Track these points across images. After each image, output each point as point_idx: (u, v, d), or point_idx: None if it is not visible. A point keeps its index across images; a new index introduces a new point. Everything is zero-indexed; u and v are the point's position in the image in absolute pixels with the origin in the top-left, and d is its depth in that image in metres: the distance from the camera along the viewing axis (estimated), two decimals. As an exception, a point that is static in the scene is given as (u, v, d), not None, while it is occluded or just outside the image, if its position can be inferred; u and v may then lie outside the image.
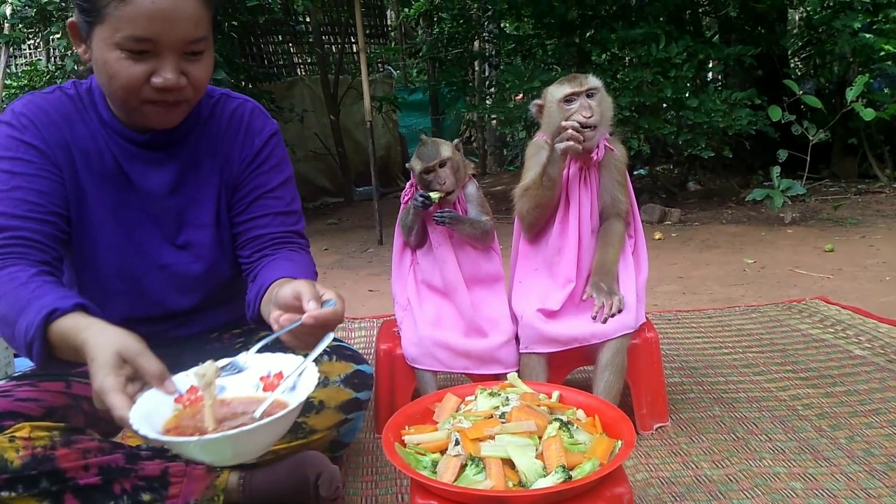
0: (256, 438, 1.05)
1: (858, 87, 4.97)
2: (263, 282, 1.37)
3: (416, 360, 1.86)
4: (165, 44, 1.25)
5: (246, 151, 1.50)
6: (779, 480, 1.60)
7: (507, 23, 8.15)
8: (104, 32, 1.25)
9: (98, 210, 1.42)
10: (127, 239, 1.44)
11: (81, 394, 1.44)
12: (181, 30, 1.25)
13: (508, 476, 1.14)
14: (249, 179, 1.50)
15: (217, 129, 1.49)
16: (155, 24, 1.23)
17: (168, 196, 1.45)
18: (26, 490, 1.23)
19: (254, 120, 1.52)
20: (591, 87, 1.81)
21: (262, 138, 1.52)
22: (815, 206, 5.48)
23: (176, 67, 1.27)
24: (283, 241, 1.50)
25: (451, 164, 1.85)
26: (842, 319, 2.75)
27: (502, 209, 5.64)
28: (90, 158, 1.40)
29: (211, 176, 1.49)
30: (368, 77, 5.28)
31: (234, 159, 1.50)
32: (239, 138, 1.50)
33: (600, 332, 1.77)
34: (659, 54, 5.27)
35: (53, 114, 1.39)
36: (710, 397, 2.09)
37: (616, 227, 1.90)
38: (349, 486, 1.65)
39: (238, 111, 1.52)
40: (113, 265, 1.45)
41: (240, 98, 1.55)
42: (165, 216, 1.46)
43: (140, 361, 1.09)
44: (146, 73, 1.26)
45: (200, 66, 1.32)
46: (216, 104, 1.51)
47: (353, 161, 7.57)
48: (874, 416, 1.91)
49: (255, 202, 1.50)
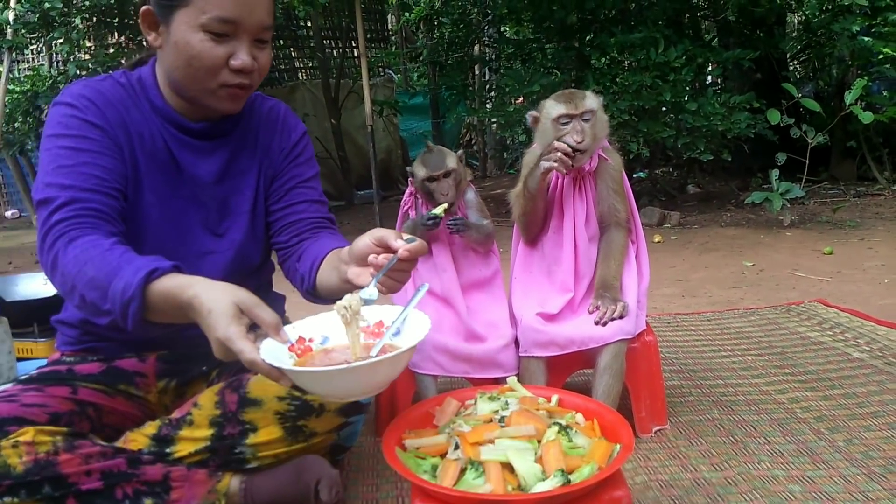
0: (382, 371, 1.12)
1: (857, 91, 4.98)
2: (317, 254, 1.45)
3: (415, 364, 1.87)
4: (245, 27, 1.33)
5: (284, 144, 1.60)
6: (777, 483, 1.60)
7: (507, 27, 8.17)
8: (188, 16, 1.32)
9: (149, 192, 1.46)
10: (171, 224, 1.49)
11: (88, 399, 1.45)
12: (259, 15, 1.35)
13: (508, 480, 1.15)
14: (287, 170, 1.59)
15: (257, 123, 1.58)
16: (238, 7, 1.31)
17: (215, 185, 1.52)
18: (29, 496, 1.24)
19: (288, 118, 1.63)
20: (585, 111, 1.81)
21: (297, 134, 1.62)
22: (814, 209, 5.49)
23: (250, 52, 1.36)
24: (320, 226, 1.58)
25: (454, 176, 1.87)
26: (840, 322, 2.76)
27: (503, 212, 5.66)
28: (144, 142, 1.46)
29: (251, 166, 1.56)
30: (369, 81, 5.30)
31: (273, 151, 1.58)
32: (277, 132, 1.60)
33: (598, 335, 1.78)
34: (658, 58, 5.29)
35: (111, 96, 1.45)
36: (709, 400, 2.10)
37: (617, 238, 1.91)
38: (350, 490, 1.66)
39: (274, 109, 1.62)
40: (154, 247, 1.44)
41: (274, 99, 1.65)
42: (210, 203, 1.52)
43: (257, 311, 1.14)
44: (227, 54, 1.34)
45: (265, 54, 1.41)
46: (253, 102, 1.59)
47: (354, 165, 7.59)
48: (872, 418, 1.91)
49: (292, 190, 1.58)
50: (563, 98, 1.84)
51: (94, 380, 1.50)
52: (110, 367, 1.53)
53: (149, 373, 1.57)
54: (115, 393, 1.51)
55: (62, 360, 1.55)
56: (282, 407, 1.43)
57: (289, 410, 1.43)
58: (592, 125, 1.81)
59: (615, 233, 1.92)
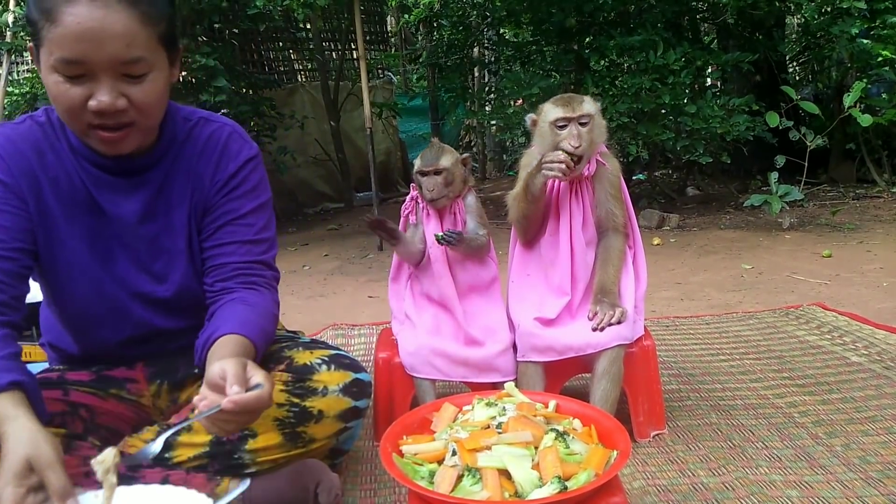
0: None
1: (856, 93, 4.99)
2: (211, 333, 1.34)
3: (414, 368, 1.87)
4: (97, 65, 1.21)
5: (219, 175, 1.46)
6: (775, 488, 1.61)
7: (506, 30, 8.18)
8: (44, 56, 1.23)
9: (70, 239, 1.41)
10: (101, 268, 1.44)
11: (79, 401, 1.45)
12: (111, 50, 1.21)
13: (505, 487, 1.15)
14: (221, 204, 1.46)
15: (192, 152, 1.46)
16: (82, 45, 1.19)
17: (140, 224, 1.43)
18: (28, 496, 1.24)
19: (230, 143, 1.48)
20: (583, 115, 1.80)
21: (237, 163, 1.47)
22: (813, 212, 5.50)
23: (112, 89, 1.23)
24: (247, 274, 1.46)
25: (445, 175, 1.87)
26: (839, 326, 2.76)
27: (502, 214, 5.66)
28: (60, 186, 1.39)
29: (183, 200, 1.46)
30: (368, 83, 5.31)
31: (205, 182, 1.46)
32: (213, 161, 1.46)
33: (595, 341, 1.79)
34: (657, 61, 5.30)
35: (21, 144, 1.37)
36: (707, 404, 2.10)
37: (614, 243, 1.91)
38: (348, 495, 1.66)
39: (215, 135, 1.48)
40: (90, 292, 1.44)
41: (219, 121, 1.51)
42: (139, 244, 1.44)
43: (47, 474, 1.09)
44: (84, 96, 1.23)
45: (144, 89, 1.27)
46: (194, 127, 1.47)
47: (353, 167, 7.59)
48: (870, 423, 1.91)
49: (222, 228, 1.46)
50: (561, 102, 1.84)
51: (84, 385, 1.51)
52: (101, 375, 1.54)
53: (139, 378, 1.57)
54: (107, 396, 1.52)
55: (52, 370, 1.57)
56: (281, 413, 1.43)
57: (288, 417, 1.44)
58: (590, 130, 1.82)
59: (613, 238, 1.92)
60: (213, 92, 5.12)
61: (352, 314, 3.44)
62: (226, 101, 5.22)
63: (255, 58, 7.47)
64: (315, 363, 1.49)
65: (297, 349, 1.53)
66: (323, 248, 5.36)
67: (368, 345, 2.83)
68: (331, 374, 1.49)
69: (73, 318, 1.50)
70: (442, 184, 1.86)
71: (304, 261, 5.02)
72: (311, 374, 1.47)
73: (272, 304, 1.48)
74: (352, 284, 4.20)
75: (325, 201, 7.66)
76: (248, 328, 1.35)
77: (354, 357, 1.59)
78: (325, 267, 4.77)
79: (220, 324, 1.36)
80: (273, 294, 1.51)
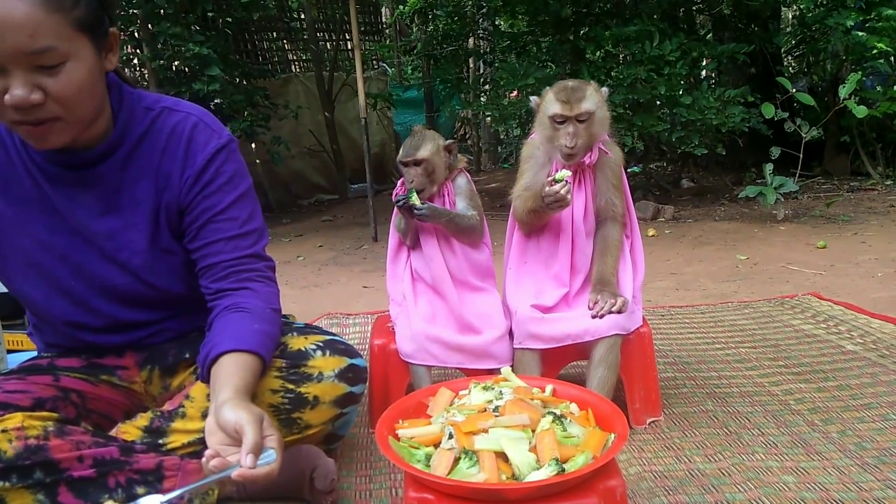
0: None
1: (851, 85, 5.00)
2: (211, 349, 1.30)
3: (410, 355, 1.86)
4: (3, 58, 1.13)
5: (188, 171, 1.39)
6: (771, 474, 1.60)
7: (501, 20, 8.16)
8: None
9: (23, 236, 1.37)
10: (62, 263, 1.40)
11: (70, 386, 1.44)
12: (13, 41, 1.12)
13: (502, 469, 1.14)
14: (197, 202, 1.40)
15: (153, 146, 1.39)
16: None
17: (97, 218, 1.38)
18: (20, 480, 1.23)
19: (196, 135, 1.40)
20: (581, 113, 1.78)
21: (204, 155, 1.39)
22: (808, 203, 5.51)
23: (26, 83, 1.16)
24: (239, 271, 1.41)
25: (424, 166, 1.85)
26: (834, 315, 2.76)
27: (496, 205, 5.66)
28: (9, 187, 1.36)
29: (146, 198, 1.40)
30: (363, 74, 5.28)
31: (174, 180, 1.39)
32: (179, 156, 1.39)
33: (594, 329, 1.78)
34: (653, 52, 5.29)
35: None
36: (703, 392, 2.10)
37: (613, 233, 1.90)
38: (343, 481, 1.65)
39: (178, 127, 1.40)
40: (51, 287, 1.42)
41: (183, 111, 1.42)
42: (98, 239, 1.39)
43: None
44: (1, 92, 1.16)
45: (61, 80, 1.18)
46: (156, 118, 1.40)
47: (347, 158, 7.57)
48: (866, 410, 1.92)
49: (205, 227, 1.40)
50: (563, 95, 1.79)
51: (75, 371, 1.50)
52: (91, 361, 1.53)
53: (129, 364, 1.56)
54: (98, 382, 1.51)
55: (42, 356, 1.56)
56: (275, 400, 1.42)
57: (283, 403, 1.43)
58: (589, 125, 1.79)
59: (611, 227, 1.91)
60: (207, 81, 5.09)
61: (346, 304, 3.42)
62: (219, 90, 5.18)
63: (248, 47, 7.44)
64: (309, 349, 1.48)
65: (292, 335, 1.52)
66: (317, 238, 5.35)
67: (363, 333, 2.82)
68: (326, 359, 1.48)
69: (40, 314, 1.49)
70: (422, 174, 1.85)
71: (298, 251, 5.00)
72: (306, 359, 1.46)
73: (271, 299, 1.44)
74: (346, 275, 4.19)
75: (320, 192, 7.64)
76: (249, 340, 1.30)
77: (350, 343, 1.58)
78: (319, 258, 4.76)
79: (220, 339, 1.31)
80: (270, 286, 1.46)
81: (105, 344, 1.51)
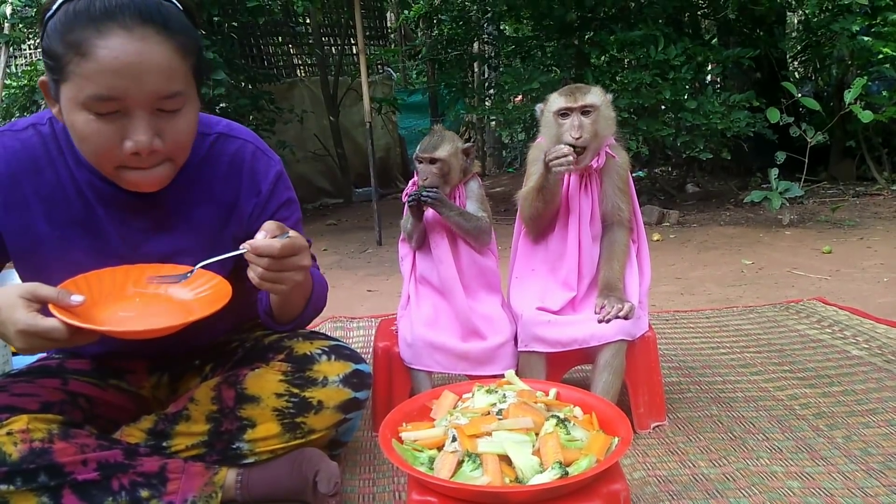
0: None
1: (857, 90, 4.98)
2: None
3: (412, 360, 1.86)
4: (134, 102, 1.14)
5: (255, 199, 1.44)
6: (776, 479, 1.60)
7: (506, 25, 8.16)
8: (70, 91, 1.15)
9: (65, 259, 1.34)
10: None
11: (78, 391, 1.44)
12: (151, 85, 1.14)
13: (505, 472, 1.15)
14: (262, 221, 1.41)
15: (213, 174, 1.41)
16: (120, 81, 1.12)
17: (149, 241, 1.39)
18: (25, 484, 1.23)
19: (257, 164, 1.44)
20: (585, 105, 1.78)
21: (267, 184, 1.45)
22: (813, 208, 5.49)
23: (149, 127, 1.17)
24: None
25: (440, 166, 1.85)
26: (839, 320, 2.75)
27: (501, 210, 5.66)
28: (55, 208, 1.33)
29: (203, 224, 1.41)
30: (368, 78, 5.29)
31: (241, 211, 1.44)
32: (244, 186, 1.43)
33: (600, 333, 1.77)
34: (658, 56, 5.29)
35: (15, 164, 1.31)
36: (708, 396, 2.09)
37: (619, 238, 1.90)
38: (346, 484, 1.65)
39: (238, 156, 1.43)
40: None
41: (240, 138, 1.45)
42: (148, 261, 1.37)
43: (38, 292, 1.15)
44: (117, 135, 1.17)
45: (179, 124, 1.21)
46: (214, 144, 1.42)
47: (352, 162, 7.58)
48: (871, 415, 1.91)
49: None
50: (565, 91, 1.83)
51: (84, 374, 1.50)
52: (100, 364, 1.53)
53: (139, 369, 1.56)
54: (106, 386, 1.51)
55: (51, 358, 1.56)
56: (280, 404, 1.43)
57: (287, 407, 1.43)
58: (594, 120, 1.80)
59: (618, 232, 1.91)
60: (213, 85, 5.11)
61: (350, 308, 3.43)
62: (225, 94, 5.20)
63: (254, 52, 7.46)
64: (315, 353, 1.48)
65: (297, 339, 1.52)
66: (322, 242, 5.35)
67: (367, 337, 2.82)
68: (331, 364, 1.48)
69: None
70: (437, 173, 1.85)
71: (302, 255, 5.00)
72: (311, 364, 1.46)
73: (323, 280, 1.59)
74: (351, 279, 4.19)
75: (324, 197, 7.64)
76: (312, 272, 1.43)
77: (354, 348, 1.58)
78: (323, 261, 4.76)
79: None
80: (321, 278, 1.59)
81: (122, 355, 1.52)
